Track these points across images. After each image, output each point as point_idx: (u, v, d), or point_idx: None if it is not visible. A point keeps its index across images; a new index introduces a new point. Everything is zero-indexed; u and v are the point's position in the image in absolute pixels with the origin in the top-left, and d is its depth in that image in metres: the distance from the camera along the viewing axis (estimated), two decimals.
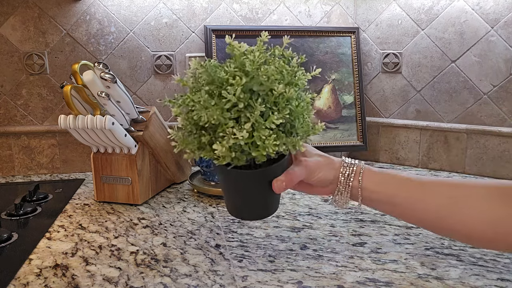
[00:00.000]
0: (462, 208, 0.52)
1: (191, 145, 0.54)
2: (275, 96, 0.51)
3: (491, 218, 0.50)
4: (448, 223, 0.53)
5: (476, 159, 1.22)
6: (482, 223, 0.51)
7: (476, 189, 0.53)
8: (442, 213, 0.53)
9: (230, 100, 0.49)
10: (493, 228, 0.50)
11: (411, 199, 0.56)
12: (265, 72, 0.51)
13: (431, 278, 0.67)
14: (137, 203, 0.98)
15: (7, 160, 1.24)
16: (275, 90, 0.51)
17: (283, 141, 0.51)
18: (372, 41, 1.34)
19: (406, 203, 0.56)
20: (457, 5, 1.19)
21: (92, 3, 1.20)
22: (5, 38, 1.18)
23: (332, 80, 1.33)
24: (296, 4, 1.32)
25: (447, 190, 0.55)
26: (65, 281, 0.67)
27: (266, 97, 0.52)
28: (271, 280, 0.66)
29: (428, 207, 0.54)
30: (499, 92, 1.17)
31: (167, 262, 0.72)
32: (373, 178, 0.59)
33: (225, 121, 0.50)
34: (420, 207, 0.55)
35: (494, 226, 0.50)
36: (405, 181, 0.57)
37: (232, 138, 0.50)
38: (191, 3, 1.25)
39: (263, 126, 0.50)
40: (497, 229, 0.50)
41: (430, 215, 0.54)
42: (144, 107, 1.05)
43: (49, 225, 0.88)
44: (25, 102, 1.22)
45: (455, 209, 0.53)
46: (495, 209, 0.50)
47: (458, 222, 0.52)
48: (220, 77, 0.51)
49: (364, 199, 0.59)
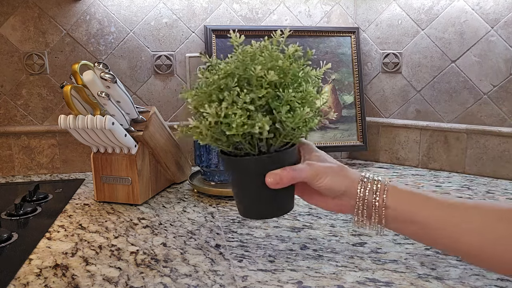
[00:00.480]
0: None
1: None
2: (256, 78, 0.51)
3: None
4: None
5: (476, 159, 1.22)
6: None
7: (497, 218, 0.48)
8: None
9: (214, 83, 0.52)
10: None
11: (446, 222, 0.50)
12: (256, 60, 0.52)
13: (431, 278, 0.67)
14: (137, 203, 0.98)
15: (7, 160, 1.24)
16: (253, 72, 0.51)
17: (256, 121, 0.50)
18: (372, 41, 1.34)
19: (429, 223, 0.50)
20: (457, 5, 1.19)
21: (92, 3, 1.20)
22: (5, 38, 1.18)
23: (332, 80, 1.33)
24: (296, 4, 1.32)
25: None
26: (65, 281, 0.67)
27: (252, 82, 0.52)
28: (271, 280, 0.66)
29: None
30: (499, 92, 1.17)
31: (167, 262, 0.72)
32: (398, 196, 0.52)
33: (208, 101, 0.52)
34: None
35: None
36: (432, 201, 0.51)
37: (208, 115, 0.51)
38: (191, 3, 1.25)
39: (237, 104, 0.50)
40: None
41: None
42: (144, 107, 1.05)
43: (49, 225, 0.88)
44: (25, 102, 1.22)
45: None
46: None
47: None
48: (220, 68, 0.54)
49: (388, 220, 0.52)
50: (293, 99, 0.52)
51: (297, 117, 0.51)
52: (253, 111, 0.50)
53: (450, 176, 1.22)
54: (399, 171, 1.28)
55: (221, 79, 0.52)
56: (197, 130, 0.53)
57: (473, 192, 1.07)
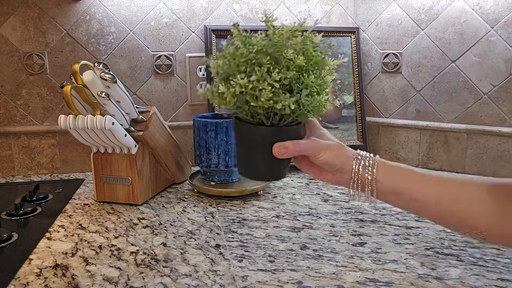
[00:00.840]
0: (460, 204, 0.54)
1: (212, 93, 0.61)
2: (285, 60, 0.56)
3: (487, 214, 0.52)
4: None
5: (476, 159, 1.22)
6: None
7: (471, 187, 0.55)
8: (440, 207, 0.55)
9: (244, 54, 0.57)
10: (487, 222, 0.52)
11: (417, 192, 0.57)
12: (289, 43, 0.57)
13: (431, 278, 0.67)
14: (137, 203, 0.98)
15: (7, 160, 1.24)
16: (285, 54, 0.56)
17: (280, 98, 0.56)
18: (372, 41, 1.34)
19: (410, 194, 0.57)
20: (457, 5, 1.19)
21: (92, 3, 1.20)
22: (5, 38, 1.18)
23: (332, 80, 1.33)
24: (296, 4, 1.32)
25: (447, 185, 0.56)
26: (65, 281, 0.67)
27: (280, 62, 0.57)
28: (271, 280, 0.66)
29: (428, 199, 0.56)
30: (499, 92, 1.17)
31: (167, 262, 0.72)
32: (386, 171, 0.58)
33: (237, 71, 0.57)
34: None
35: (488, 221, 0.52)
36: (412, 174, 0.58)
37: (236, 84, 0.56)
38: (191, 3, 1.25)
39: (266, 81, 0.55)
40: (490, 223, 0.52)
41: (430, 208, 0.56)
42: (144, 107, 1.05)
43: (49, 225, 0.88)
44: (25, 102, 1.22)
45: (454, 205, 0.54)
46: (488, 205, 0.52)
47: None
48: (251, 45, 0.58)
49: (379, 192, 0.59)
50: (313, 84, 0.58)
51: (315, 101, 0.58)
52: (277, 89, 0.55)
53: None
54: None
55: (253, 53, 0.56)
56: (223, 96, 0.58)
57: None
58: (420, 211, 0.58)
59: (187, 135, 1.32)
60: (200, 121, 1.04)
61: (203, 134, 1.03)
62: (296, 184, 1.15)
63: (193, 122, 1.07)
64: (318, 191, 1.09)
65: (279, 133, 0.59)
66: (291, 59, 0.56)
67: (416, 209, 0.58)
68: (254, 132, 0.60)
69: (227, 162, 1.04)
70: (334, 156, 0.59)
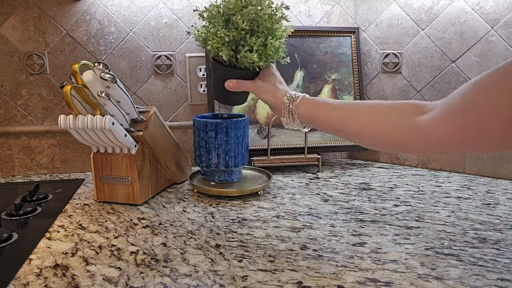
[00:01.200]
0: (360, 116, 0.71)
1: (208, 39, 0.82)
2: (232, 22, 0.79)
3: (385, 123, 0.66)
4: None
5: (476, 159, 1.22)
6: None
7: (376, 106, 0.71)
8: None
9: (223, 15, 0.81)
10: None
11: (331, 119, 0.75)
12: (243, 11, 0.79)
13: (431, 278, 0.67)
14: (137, 203, 0.99)
15: (7, 160, 1.24)
16: (234, 18, 0.78)
17: (222, 48, 0.79)
18: (372, 41, 1.34)
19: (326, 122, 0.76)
20: (457, 5, 1.19)
21: (92, 3, 1.20)
22: (5, 38, 1.18)
23: (332, 80, 1.33)
24: (296, 4, 1.32)
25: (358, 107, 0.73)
26: (65, 281, 0.67)
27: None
28: (271, 280, 0.66)
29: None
30: None
31: (167, 262, 0.72)
32: (306, 104, 0.77)
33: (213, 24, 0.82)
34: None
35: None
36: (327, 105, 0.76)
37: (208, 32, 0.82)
38: (191, 3, 1.25)
39: (215, 35, 0.80)
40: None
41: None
42: (144, 107, 1.05)
43: (49, 225, 0.88)
44: (25, 102, 1.22)
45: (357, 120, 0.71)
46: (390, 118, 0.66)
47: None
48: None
49: (301, 121, 0.78)
50: (254, 43, 0.79)
51: (252, 57, 0.78)
52: (229, 41, 0.79)
53: (450, 176, 1.22)
54: (399, 171, 1.28)
55: (219, 14, 0.81)
56: (215, 35, 0.80)
57: (473, 192, 1.07)
58: (337, 134, 0.78)
59: (187, 135, 1.32)
60: (200, 121, 1.04)
61: (203, 134, 1.03)
62: (296, 184, 1.15)
63: (193, 122, 1.07)
64: (318, 191, 1.09)
65: (231, 72, 0.82)
66: (237, 22, 0.77)
67: (333, 133, 0.78)
68: (217, 69, 0.83)
69: (227, 162, 1.04)
70: (267, 97, 0.80)
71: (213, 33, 0.80)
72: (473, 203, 0.99)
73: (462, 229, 0.85)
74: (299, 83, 1.31)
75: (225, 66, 0.82)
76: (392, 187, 1.12)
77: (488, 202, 1.00)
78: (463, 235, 0.82)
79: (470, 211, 0.95)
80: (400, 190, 1.09)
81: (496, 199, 1.02)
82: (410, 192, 1.08)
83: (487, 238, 0.81)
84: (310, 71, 1.32)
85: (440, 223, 0.88)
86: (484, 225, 0.87)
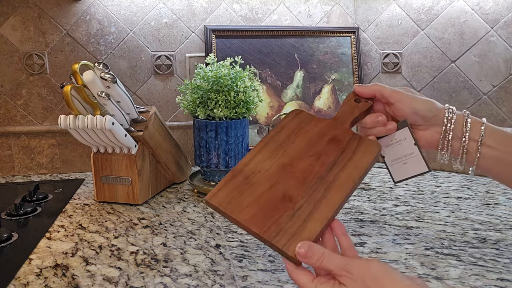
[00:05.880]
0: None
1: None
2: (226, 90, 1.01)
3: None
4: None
5: None
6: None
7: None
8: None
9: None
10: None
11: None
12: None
13: (431, 278, 0.67)
14: (137, 203, 0.98)
15: (7, 160, 1.24)
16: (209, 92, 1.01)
17: (196, 109, 1.02)
18: (372, 41, 1.34)
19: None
20: (457, 5, 1.19)
21: (92, 3, 1.20)
22: (5, 38, 1.18)
23: (332, 80, 1.33)
24: (296, 4, 1.32)
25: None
26: (65, 281, 0.67)
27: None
28: (271, 280, 0.66)
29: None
30: (499, 92, 1.17)
31: (167, 262, 0.72)
32: (495, 133, 0.46)
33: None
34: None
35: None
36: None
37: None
38: (191, 3, 1.25)
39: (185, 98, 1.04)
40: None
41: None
42: (144, 107, 1.05)
43: (49, 225, 0.88)
44: (25, 102, 1.22)
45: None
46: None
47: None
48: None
49: (483, 159, 0.46)
50: (218, 100, 0.99)
51: (222, 111, 0.98)
52: (197, 103, 1.02)
53: (450, 176, 1.22)
54: None
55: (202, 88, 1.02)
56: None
57: (473, 192, 1.08)
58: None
59: (187, 135, 1.32)
60: (200, 121, 1.04)
61: (203, 134, 1.03)
62: None
63: (193, 122, 1.07)
64: None
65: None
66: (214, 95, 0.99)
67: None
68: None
69: (227, 162, 1.04)
70: (415, 103, 0.49)
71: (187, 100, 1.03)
72: (473, 203, 0.99)
73: (462, 229, 0.85)
74: (299, 83, 1.31)
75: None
76: (392, 187, 1.12)
77: (488, 202, 1.00)
78: (463, 235, 0.82)
79: (470, 211, 0.95)
80: (400, 190, 1.09)
81: (496, 199, 1.02)
82: (410, 192, 1.08)
83: (487, 238, 0.81)
84: (310, 71, 1.32)
85: (440, 223, 0.88)
86: (484, 225, 0.87)
